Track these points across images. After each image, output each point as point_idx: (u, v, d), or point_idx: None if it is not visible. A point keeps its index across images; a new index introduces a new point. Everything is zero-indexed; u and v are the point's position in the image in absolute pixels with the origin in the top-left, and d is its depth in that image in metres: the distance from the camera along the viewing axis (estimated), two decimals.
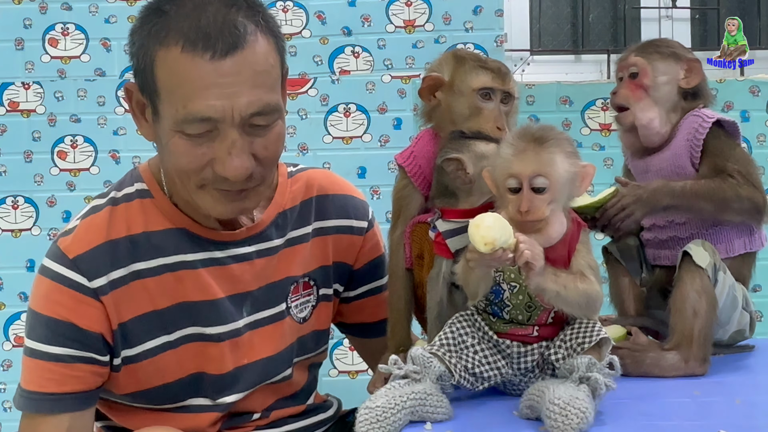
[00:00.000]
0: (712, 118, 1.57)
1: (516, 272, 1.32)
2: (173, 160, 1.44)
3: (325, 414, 1.73)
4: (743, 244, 1.57)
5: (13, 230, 3.11)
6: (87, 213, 1.55)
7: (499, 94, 1.51)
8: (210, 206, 1.47)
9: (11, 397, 3.18)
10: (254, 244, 1.58)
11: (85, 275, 1.49)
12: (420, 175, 1.55)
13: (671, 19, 3.37)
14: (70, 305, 1.49)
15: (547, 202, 1.28)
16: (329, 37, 3.09)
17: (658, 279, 1.62)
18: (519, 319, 1.33)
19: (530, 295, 1.32)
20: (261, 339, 1.58)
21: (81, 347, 1.50)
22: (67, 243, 1.51)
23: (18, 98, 3.10)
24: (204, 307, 1.54)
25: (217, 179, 1.44)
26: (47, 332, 1.50)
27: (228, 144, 1.41)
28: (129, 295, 1.50)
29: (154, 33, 1.42)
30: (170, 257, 1.53)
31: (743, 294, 1.56)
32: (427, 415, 1.26)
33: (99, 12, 3.10)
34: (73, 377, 1.51)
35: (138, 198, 1.55)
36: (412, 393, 1.25)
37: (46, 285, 1.51)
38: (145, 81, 1.44)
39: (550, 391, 1.20)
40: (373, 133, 3.09)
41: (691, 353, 1.47)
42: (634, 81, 1.62)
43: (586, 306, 1.30)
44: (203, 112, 1.39)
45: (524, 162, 1.29)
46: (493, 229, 1.23)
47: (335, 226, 1.68)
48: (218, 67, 1.39)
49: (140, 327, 1.51)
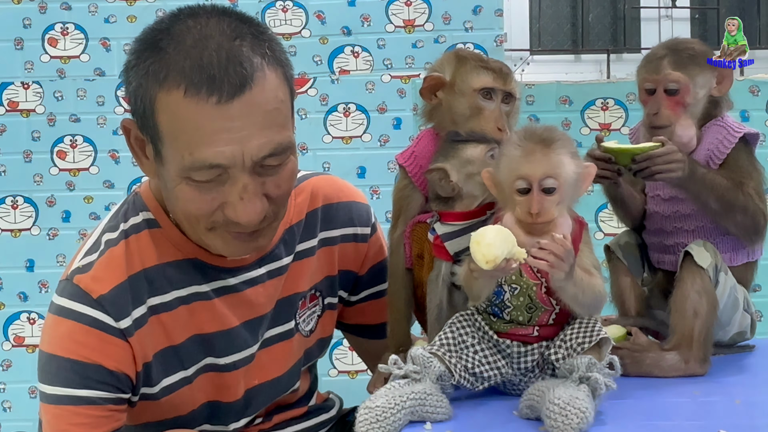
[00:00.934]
0: (738, 132, 1.53)
1: (517, 274, 1.32)
2: (180, 205, 1.38)
3: (327, 414, 1.73)
4: (746, 254, 1.57)
5: (13, 230, 3.11)
6: (103, 249, 1.46)
7: (501, 94, 1.51)
8: (222, 248, 1.42)
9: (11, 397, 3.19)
10: (265, 265, 1.53)
11: (111, 315, 1.41)
12: (421, 175, 1.54)
13: (671, 18, 3.37)
14: (97, 347, 1.40)
15: (556, 203, 1.29)
16: (329, 37, 3.09)
17: (660, 281, 1.61)
18: (519, 319, 1.32)
19: (531, 297, 1.32)
20: (271, 358, 1.55)
21: (111, 389, 1.42)
22: (88, 281, 1.42)
23: (17, 98, 3.10)
24: (219, 338, 1.49)
25: (229, 222, 1.37)
26: (73, 376, 1.40)
27: (239, 189, 1.34)
28: (149, 332, 1.44)
29: (152, 73, 1.33)
30: (184, 289, 1.47)
31: (744, 296, 1.56)
32: (427, 415, 1.26)
33: (98, 12, 3.09)
34: (106, 417, 1.43)
35: (146, 228, 1.47)
36: (412, 393, 1.25)
37: (67, 326, 1.41)
38: (145, 123, 1.36)
39: (550, 391, 1.20)
40: (372, 132, 3.09)
41: (691, 354, 1.47)
42: (673, 98, 1.53)
43: (594, 306, 1.31)
44: (211, 160, 1.31)
45: (534, 164, 1.29)
46: (494, 246, 1.23)
47: (341, 235, 1.64)
48: (225, 111, 1.30)
49: (159, 364, 1.46)
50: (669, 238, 1.58)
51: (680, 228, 1.56)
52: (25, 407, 3.07)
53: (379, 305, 1.65)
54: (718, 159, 1.53)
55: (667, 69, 1.54)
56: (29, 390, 3.02)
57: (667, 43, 1.59)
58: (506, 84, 1.51)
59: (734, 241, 1.55)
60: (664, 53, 1.55)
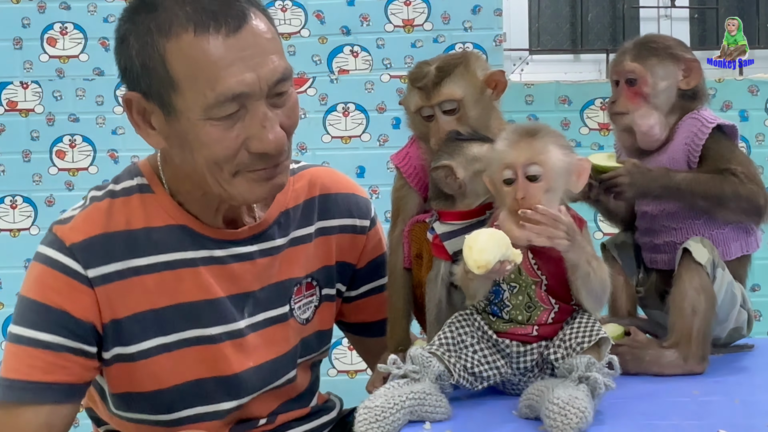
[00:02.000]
0: (712, 122, 1.54)
1: (516, 272, 1.32)
2: (205, 152, 1.41)
3: (328, 416, 1.72)
4: (740, 247, 1.57)
5: (12, 230, 3.11)
6: (85, 204, 1.53)
7: (436, 108, 1.50)
8: (247, 191, 1.45)
9: None
10: (256, 243, 1.56)
11: (80, 263, 1.46)
12: (415, 175, 1.54)
13: (670, 18, 3.37)
14: (64, 291, 1.46)
15: (543, 191, 1.29)
16: (328, 37, 3.09)
17: (655, 282, 1.61)
18: (519, 319, 1.32)
19: (530, 295, 1.32)
20: (265, 341, 1.56)
21: (72, 337, 1.46)
22: (64, 230, 1.49)
23: (16, 98, 3.10)
24: (203, 307, 1.51)
25: (254, 160, 1.42)
26: (37, 318, 1.45)
27: (260, 118, 1.40)
28: (125, 291, 1.48)
29: (155, 28, 1.39)
30: (170, 254, 1.50)
31: (741, 292, 1.56)
32: (426, 415, 1.26)
33: (98, 11, 3.10)
34: (61, 367, 1.46)
35: (138, 192, 1.52)
36: (411, 393, 1.25)
37: (39, 270, 1.47)
38: (153, 80, 1.40)
39: (549, 391, 1.20)
40: (372, 132, 3.09)
41: (690, 351, 1.47)
42: (632, 88, 1.57)
43: (600, 296, 1.31)
44: (234, 89, 1.37)
45: (517, 151, 1.30)
46: (485, 252, 1.23)
47: (339, 225, 1.67)
48: (235, 42, 1.38)
49: (136, 326, 1.48)
50: (659, 236, 1.58)
51: (669, 226, 1.57)
52: None
53: (379, 301, 1.66)
54: (695, 152, 1.54)
55: (626, 60, 1.58)
56: None
57: (634, 39, 1.64)
58: (431, 99, 1.49)
59: (725, 234, 1.55)
60: (628, 47, 1.61)
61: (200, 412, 1.53)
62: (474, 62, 1.52)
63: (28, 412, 1.45)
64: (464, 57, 1.53)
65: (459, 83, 1.49)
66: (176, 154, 1.47)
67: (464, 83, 1.49)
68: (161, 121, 1.44)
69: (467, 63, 1.51)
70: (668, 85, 1.57)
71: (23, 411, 1.45)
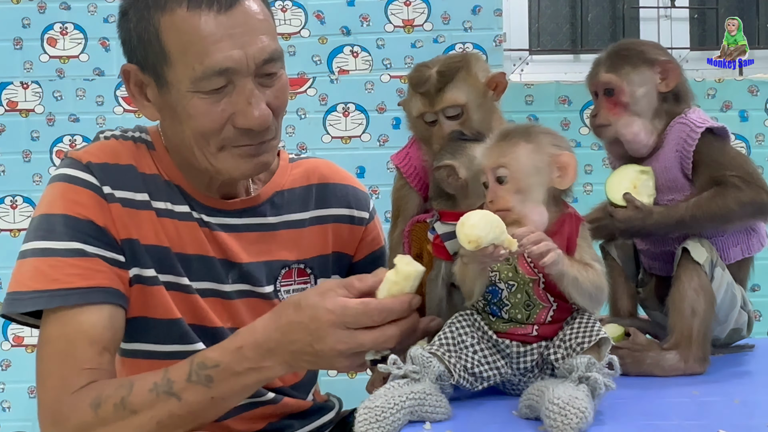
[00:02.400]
0: (701, 126, 1.52)
1: (513, 271, 1.32)
2: (192, 124, 1.46)
3: (328, 416, 1.73)
4: (740, 251, 1.56)
5: (12, 230, 3.11)
6: (98, 138, 1.59)
7: (439, 113, 1.50)
8: (233, 167, 1.50)
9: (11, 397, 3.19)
10: (246, 217, 1.60)
11: (97, 178, 1.50)
12: (416, 175, 1.55)
13: (670, 18, 3.37)
14: (88, 204, 1.49)
15: (511, 192, 1.30)
16: (328, 37, 3.09)
17: (654, 285, 1.61)
18: (518, 317, 1.32)
19: (528, 293, 1.32)
20: (248, 310, 1.58)
21: (101, 245, 1.48)
22: (79, 153, 1.53)
23: (16, 98, 3.10)
24: (197, 261, 1.55)
25: (239, 136, 1.47)
26: (65, 229, 1.47)
27: (246, 95, 1.45)
28: (134, 218, 1.51)
29: (152, 3, 1.45)
30: (170, 204, 1.55)
31: (741, 293, 1.56)
32: (426, 415, 1.26)
33: (98, 12, 3.10)
34: (98, 272, 1.47)
35: (143, 144, 1.58)
36: (412, 393, 1.25)
37: (59, 188, 1.50)
38: (148, 53, 1.46)
39: (549, 391, 1.20)
40: (372, 132, 3.09)
41: (690, 353, 1.47)
42: (610, 99, 1.56)
43: (596, 297, 1.30)
44: (221, 63, 1.42)
45: (488, 156, 1.33)
46: (476, 227, 1.23)
47: (335, 215, 1.69)
48: (226, 19, 1.43)
49: (147, 254, 1.51)
50: (656, 245, 1.58)
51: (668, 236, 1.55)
52: (25, 407, 3.07)
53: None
54: (687, 158, 1.52)
55: (601, 72, 1.58)
56: (29, 390, 3.02)
57: (608, 48, 1.62)
58: (435, 106, 1.49)
59: (724, 240, 1.54)
60: (602, 58, 1.60)
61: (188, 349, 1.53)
62: (475, 65, 1.52)
63: (91, 312, 1.44)
64: (465, 60, 1.52)
65: (462, 88, 1.49)
66: (168, 126, 1.53)
67: (467, 88, 1.49)
68: (155, 93, 1.50)
69: (468, 66, 1.51)
70: (646, 90, 1.56)
71: (82, 311, 1.44)
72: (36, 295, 1.45)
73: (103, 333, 1.44)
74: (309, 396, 1.71)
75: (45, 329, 1.46)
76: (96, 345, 1.44)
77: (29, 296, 1.45)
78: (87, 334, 1.43)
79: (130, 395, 1.39)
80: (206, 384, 1.38)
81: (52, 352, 1.44)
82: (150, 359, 1.53)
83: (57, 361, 1.43)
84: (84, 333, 1.43)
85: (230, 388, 1.39)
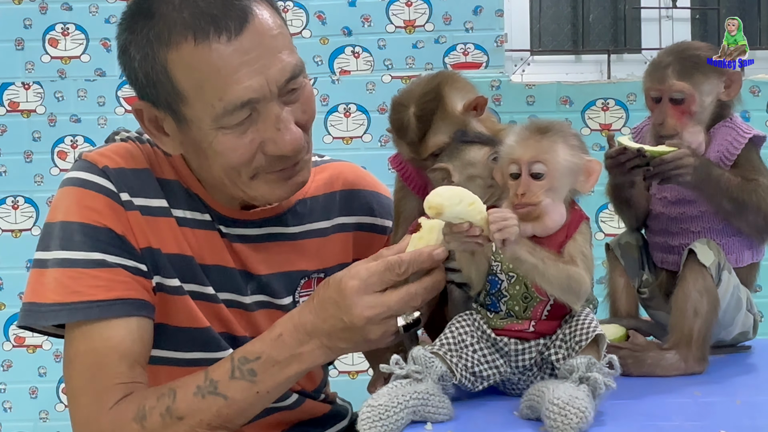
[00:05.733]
0: (747, 133, 1.52)
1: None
2: (221, 160, 1.38)
3: (342, 423, 1.71)
4: (752, 255, 1.56)
5: (13, 230, 3.11)
6: (115, 141, 1.51)
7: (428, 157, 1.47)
8: (268, 192, 1.43)
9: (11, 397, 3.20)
10: (267, 227, 1.53)
11: (114, 184, 1.43)
12: (412, 178, 1.54)
13: (671, 19, 3.37)
14: (104, 211, 1.42)
15: (544, 189, 1.29)
16: (329, 38, 3.09)
17: (663, 282, 1.61)
18: (515, 310, 1.32)
19: (527, 285, 1.31)
20: (267, 322, 1.52)
21: (122, 254, 1.41)
22: (94, 156, 1.45)
23: (18, 98, 3.10)
24: (217, 271, 1.49)
25: (271, 162, 1.39)
26: (84, 239, 1.40)
27: (273, 120, 1.36)
28: (153, 226, 1.44)
29: (154, 38, 1.34)
30: (189, 212, 1.48)
31: (747, 296, 1.56)
32: (429, 415, 1.26)
33: (99, 12, 3.10)
34: (121, 282, 1.40)
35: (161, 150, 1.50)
36: (415, 392, 1.25)
37: (75, 193, 1.43)
38: (159, 91, 1.37)
39: (549, 392, 1.20)
40: (373, 133, 3.09)
41: (690, 353, 1.47)
42: (678, 107, 1.52)
43: (568, 288, 1.27)
44: (242, 96, 1.33)
45: (524, 148, 1.30)
46: (440, 197, 1.23)
47: (358, 223, 1.64)
48: (238, 45, 1.32)
49: (169, 263, 1.45)
50: (674, 239, 1.57)
51: (686, 229, 1.56)
52: (26, 407, 3.07)
53: None
54: (728, 160, 1.52)
55: (671, 79, 1.52)
56: (29, 390, 3.03)
57: (672, 49, 1.58)
58: (420, 154, 1.47)
59: (740, 242, 1.55)
60: (669, 61, 1.54)
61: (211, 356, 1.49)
62: (449, 96, 1.47)
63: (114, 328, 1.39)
64: (438, 95, 1.46)
65: (442, 129, 1.45)
66: (192, 159, 1.45)
67: (446, 127, 1.45)
68: (173, 128, 1.41)
69: (442, 103, 1.46)
70: (712, 99, 1.54)
71: (107, 326, 1.39)
72: (57, 308, 1.40)
73: (132, 346, 1.40)
74: (321, 395, 1.69)
75: (71, 344, 1.41)
76: (126, 359, 1.39)
77: (50, 309, 1.40)
78: (116, 348, 1.39)
79: (175, 402, 1.36)
80: (250, 378, 1.36)
81: (81, 369, 1.40)
82: (169, 365, 1.49)
83: (88, 377, 1.39)
84: (113, 348, 1.39)
85: (273, 380, 1.37)
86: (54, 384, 3.09)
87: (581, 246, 1.31)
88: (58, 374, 3.07)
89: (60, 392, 3.07)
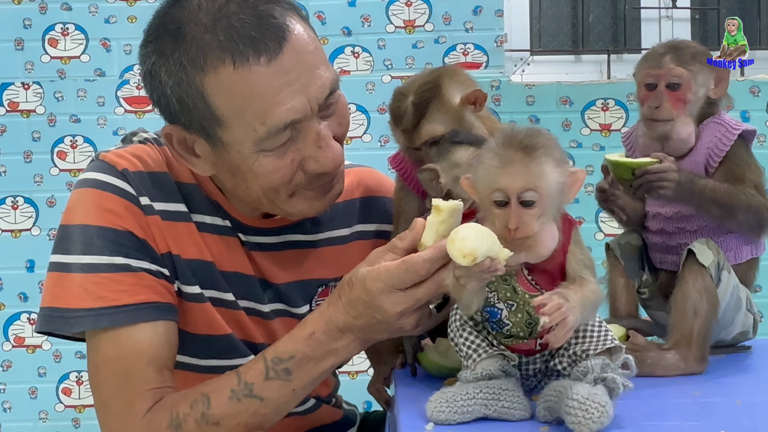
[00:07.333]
0: (737, 129, 1.53)
1: (511, 291, 1.25)
2: (261, 182, 1.35)
3: (352, 430, 1.70)
4: (750, 250, 1.57)
5: (13, 230, 3.11)
6: (133, 142, 1.47)
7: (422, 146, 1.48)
8: (306, 208, 1.41)
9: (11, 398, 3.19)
10: (285, 234, 1.51)
11: (133, 187, 1.40)
12: (411, 178, 1.54)
13: (671, 19, 3.37)
14: (123, 214, 1.38)
15: (537, 217, 1.20)
16: (329, 38, 3.09)
17: (662, 282, 1.61)
18: (520, 335, 1.27)
19: (530, 313, 1.24)
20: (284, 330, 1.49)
21: (144, 258, 1.38)
22: (112, 157, 1.42)
23: (18, 98, 3.10)
24: (236, 279, 1.48)
25: (311, 179, 1.37)
26: (106, 243, 1.37)
27: (314, 138, 1.34)
28: (172, 231, 1.42)
29: (188, 62, 1.30)
30: (209, 217, 1.46)
31: (747, 295, 1.56)
32: (504, 411, 1.22)
33: (99, 12, 3.10)
34: (146, 287, 1.38)
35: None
36: (486, 386, 1.22)
37: (94, 195, 1.39)
38: (194, 117, 1.33)
39: (567, 389, 1.17)
40: (373, 133, 3.09)
41: (689, 353, 1.47)
42: (675, 93, 1.52)
43: (593, 310, 1.25)
44: (285, 119, 1.30)
45: (512, 175, 1.18)
46: (468, 240, 1.16)
47: (377, 230, 1.62)
48: (278, 66, 1.29)
49: (188, 269, 1.43)
50: (672, 238, 1.57)
51: (683, 228, 1.56)
52: (25, 407, 3.07)
53: None
54: (717, 156, 1.52)
55: (669, 64, 1.54)
56: (29, 390, 3.03)
57: (667, 42, 1.60)
58: (414, 142, 1.47)
59: (738, 238, 1.55)
60: (666, 50, 1.56)
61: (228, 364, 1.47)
62: (447, 87, 1.46)
63: (140, 332, 1.36)
64: (436, 85, 1.46)
65: (437, 119, 1.45)
66: (227, 179, 1.41)
67: (441, 117, 1.45)
68: (207, 150, 1.38)
69: (440, 93, 1.46)
70: (703, 93, 1.55)
71: (134, 331, 1.36)
72: (83, 314, 1.36)
73: (159, 351, 1.38)
74: (333, 399, 1.68)
75: (97, 351, 1.39)
76: (155, 364, 1.37)
77: (74, 315, 1.37)
78: (144, 353, 1.36)
79: (210, 408, 1.35)
80: (285, 378, 1.35)
81: (109, 375, 1.38)
82: (185, 371, 1.47)
83: (117, 384, 1.37)
84: (141, 353, 1.36)
85: (309, 376, 1.36)
86: (54, 384, 3.09)
87: (580, 256, 1.25)
88: (58, 374, 3.07)
89: (59, 392, 3.08)
